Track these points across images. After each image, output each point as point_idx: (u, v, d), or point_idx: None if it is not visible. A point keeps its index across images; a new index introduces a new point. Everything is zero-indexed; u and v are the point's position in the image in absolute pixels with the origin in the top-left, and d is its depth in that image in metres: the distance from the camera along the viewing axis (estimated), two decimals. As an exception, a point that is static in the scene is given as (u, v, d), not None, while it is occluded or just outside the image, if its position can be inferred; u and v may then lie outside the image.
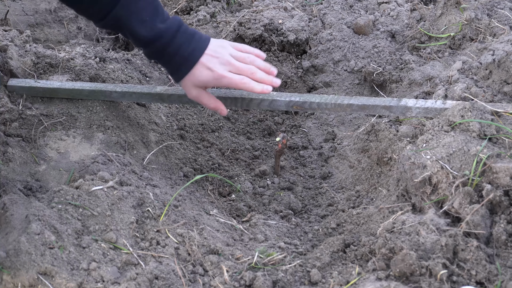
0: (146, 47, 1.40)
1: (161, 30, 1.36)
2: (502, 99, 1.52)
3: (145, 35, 1.36)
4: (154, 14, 1.37)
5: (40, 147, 1.48)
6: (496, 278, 1.06)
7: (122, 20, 1.35)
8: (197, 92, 1.44)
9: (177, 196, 1.39)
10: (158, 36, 1.36)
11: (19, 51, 1.79)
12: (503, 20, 1.81)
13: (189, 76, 1.41)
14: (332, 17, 2.13)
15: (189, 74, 1.41)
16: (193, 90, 1.44)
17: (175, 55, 1.39)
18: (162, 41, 1.37)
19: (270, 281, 1.12)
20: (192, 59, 1.40)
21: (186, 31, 1.41)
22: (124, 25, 1.36)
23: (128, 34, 1.38)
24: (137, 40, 1.38)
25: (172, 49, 1.38)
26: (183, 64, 1.40)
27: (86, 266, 1.10)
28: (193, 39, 1.41)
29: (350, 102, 1.56)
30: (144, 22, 1.35)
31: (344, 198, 1.61)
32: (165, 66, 1.46)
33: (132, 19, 1.34)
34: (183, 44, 1.39)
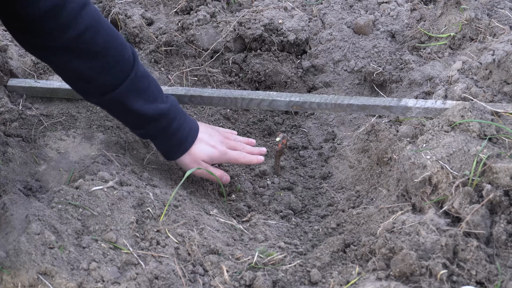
0: (147, 126, 1.40)
1: (165, 109, 1.40)
2: (502, 99, 1.52)
3: (151, 113, 1.37)
4: (157, 93, 1.40)
5: (40, 147, 1.48)
6: (496, 278, 1.06)
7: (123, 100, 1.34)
8: (205, 166, 1.50)
9: (177, 196, 1.39)
10: (163, 115, 1.39)
11: (19, 51, 1.79)
12: (503, 20, 1.81)
13: (194, 151, 1.47)
14: (332, 17, 2.13)
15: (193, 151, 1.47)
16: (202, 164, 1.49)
17: (177, 133, 1.44)
18: (167, 119, 1.40)
19: (270, 281, 1.12)
20: (192, 136, 1.47)
21: (181, 110, 1.47)
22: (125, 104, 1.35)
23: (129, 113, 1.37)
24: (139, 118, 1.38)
25: (175, 127, 1.42)
26: (184, 142, 1.46)
27: (86, 266, 1.10)
28: (187, 117, 1.47)
29: (350, 102, 1.56)
30: (150, 101, 1.37)
31: (344, 198, 1.61)
32: (163, 144, 1.47)
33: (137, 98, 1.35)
34: (183, 123, 1.44)
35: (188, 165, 1.49)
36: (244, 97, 1.60)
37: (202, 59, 2.02)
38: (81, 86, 1.36)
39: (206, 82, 2.01)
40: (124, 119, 1.44)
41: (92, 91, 1.35)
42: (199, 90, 1.65)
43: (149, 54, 2.00)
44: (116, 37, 1.32)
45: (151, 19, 2.17)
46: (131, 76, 1.33)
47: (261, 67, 1.99)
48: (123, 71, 1.32)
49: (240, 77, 2.04)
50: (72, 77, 1.34)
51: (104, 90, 1.33)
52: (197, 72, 2.01)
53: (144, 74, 1.37)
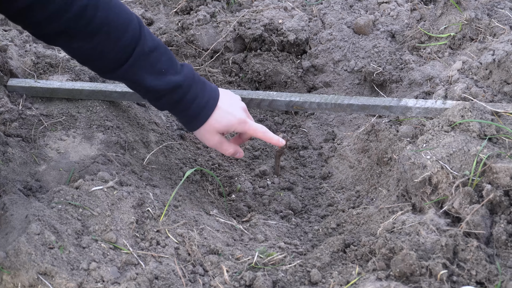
0: (160, 99, 1.36)
1: (178, 81, 1.34)
2: (502, 99, 1.52)
3: (163, 87, 1.32)
4: (169, 65, 1.34)
5: (40, 147, 1.48)
6: (496, 278, 1.06)
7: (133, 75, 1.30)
8: (219, 138, 1.42)
9: (177, 196, 1.39)
10: (176, 87, 1.34)
11: (19, 51, 1.79)
12: (503, 20, 1.81)
13: (210, 122, 1.39)
14: (332, 17, 2.13)
15: (209, 121, 1.39)
16: (215, 136, 1.41)
17: (193, 103, 1.37)
18: (180, 91, 1.34)
19: (270, 281, 1.12)
20: (210, 106, 1.38)
21: (200, 80, 1.39)
22: (137, 79, 1.31)
23: (140, 87, 1.34)
24: (151, 92, 1.34)
25: (190, 98, 1.36)
26: (201, 112, 1.38)
27: (86, 266, 1.10)
28: (206, 86, 1.40)
29: (350, 102, 1.56)
30: (161, 74, 1.32)
31: (344, 198, 1.61)
32: (181, 115, 1.41)
33: (146, 72, 1.30)
34: (200, 92, 1.37)
35: (203, 136, 1.43)
36: (244, 97, 1.60)
37: (202, 59, 2.02)
38: (91, 65, 1.33)
39: (206, 82, 2.00)
40: (140, 92, 1.39)
41: (102, 69, 1.32)
42: (199, 90, 1.65)
43: (149, 54, 1.99)
44: (118, 13, 1.27)
45: (151, 19, 2.17)
46: (137, 50, 1.28)
47: (261, 67, 1.99)
48: (128, 46, 1.27)
49: (240, 77, 2.04)
50: (80, 57, 1.31)
51: (112, 67, 1.29)
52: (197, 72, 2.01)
53: (153, 47, 1.31)
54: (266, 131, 1.44)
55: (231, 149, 1.46)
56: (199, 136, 1.44)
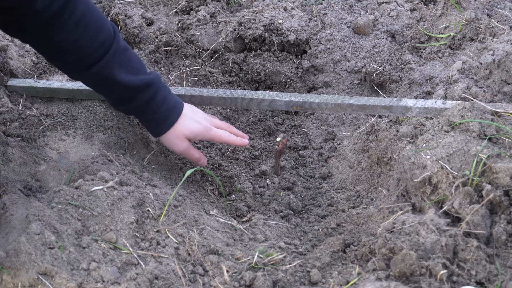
0: (133, 98, 1.39)
1: (150, 79, 1.39)
2: (502, 99, 1.52)
3: (137, 83, 1.37)
4: (140, 66, 1.40)
5: (40, 147, 1.48)
6: (496, 278, 1.06)
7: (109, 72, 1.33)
8: (187, 144, 1.49)
9: (177, 196, 1.39)
10: (148, 84, 1.39)
11: (19, 51, 1.79)
12: (503, 20, 1.81)
13: (178, 127, 1.45)
14: (332, 17, 2.13)
15: (177, 126, 1.45)
16: (184, 142, 1.48)
17: (161, 106, 1.42)
18: (151, 91, 1.40)
19: (270, 281, 1.12)
20: (177, 111, 1.45)
21: (165, 84, 1.46)
22: (111, 76, 1.34)
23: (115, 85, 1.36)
24: (125, 90, 1.37)
25: (159, 99, 1.42)
26: (169, 116, 1.44)
27: (86, 266, 1.10)
28: (171, 92, 1.47)
29: (350, 102, 1.56)
30: (134, 72, 1.37)
31: (344, 198, 1.61)
32: (149, 118, 1.46)
33: (122, 70, 1.34)
34: (168, 96, 1.44)
35: (172, 141, 1.48)
36: (244, 97, 1.60)
37: (202, 59, 2.02)
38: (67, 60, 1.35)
39: (206, 82, 2.01)
40: (110, 93, 1.42)
41: (77, 66, 1.34)
42: (199, 90, 1.65)
43: (149, 54, 2.00)
44: (95, 9, 1.32)
45: (151, 19, 2.17)
46: (114, 46, 1.33)
47: (261, 67, 1.99)
48: (105, 42, 1.32)
49: (240, 77, 2.04)
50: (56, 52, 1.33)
51: (88, 63, 1.32)
52: (197, 72, 2.01)
53: (126, 47, 1.37)
54: (229, 135, 1.52)
55: (197, 154, 1.53)
56: (167, 142, 1.49)
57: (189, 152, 1.51)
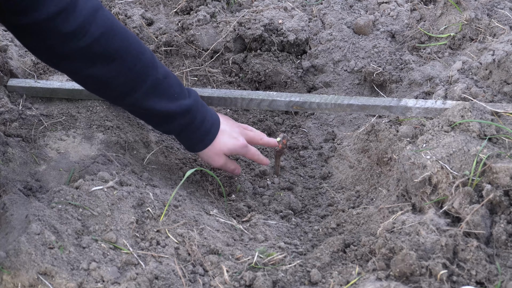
0: (173, 122, 1.41)
1: (189, 105, 1.41)
2: (502, 99, 1.52)
3: (176, 111, 1.39)
4: (180, 90, 1.40)
5: (40, 147, 1.48)
6: (496, 278, 1.06)
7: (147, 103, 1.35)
8: (225, 159, 1.52)
9: (177, 196, 1.39)
10: (188, 111, 1.40)
11: (19, 51, 1.79)
12: (503, 20, 1.81)
13: (216, 145, 1.49)
14: (332, 17, 2.13)
15: (215, 144, 1.48)
16: (222, 157, 1.52)
17: (201, 127, 1.45)
18: (191, 115, 1.41)
19: (270, 281, 1.12)
20: (215, 130, 1.48)
21: (203, 103, 1.48)
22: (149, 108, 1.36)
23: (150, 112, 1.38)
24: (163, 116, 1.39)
25: (198, 121, 1.44)
26: (207, 135, 1.47)
27: (86, 266, 1.10)
28: (208, 110, 1.48)
29: (350, 102, 1.56)
30: (174, 99, 1.38)
31: (344, 198, 1.61)
32: (187, 137, 1.48)
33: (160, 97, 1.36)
34: (206, 116, 1.46)
35: (210, 157, 1.52)
36: (244, 97, 1.60)
37: (202, 59, 2.02)
38: (102, 92, 1.37)
39: (206, 82, 2.00)
40: (149, 119, 1.46)
41: (114, 95, 1.36)
42: (199, 90, 1.65)
43: (149, 54, 2.00)
44: (133, 41, 1.31)
45: (151, 19, 2.17)
46: (151, 77, 1.33)
47: (261, 67, 1.99)
48: (142, 74, 1.32)
49: (240, 77, 2.04)
50: (91, 84, 1.34)
51: (123, 94, 1.34)
52: (197, 72, 2.01)
53: (166, 74, 1.37)
54: (259, 155, 1.57)
55: (233, 166, 1.57)
56: (205, 158, 1.53)
57: (228, 167, 1.56)
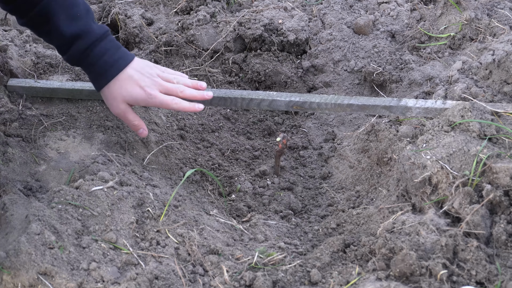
0: (70, 46, 1.35)
1: (91, 27, 1.34)
2: (502, 99, 1.52)
3: (74, 30, 1.32)
4: (85, 12, 1.35)
5: (40, 147, 1.48)
6: (496, 278, 1.06)
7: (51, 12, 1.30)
8: (125, 107, 1.41)
9: (177, 196, 1.39)
10: (86, 32, 1.34)
11: (19, 51, 1.79)
12: (503, 20, 1.81)
13: (117, 87, 1.38)
14: (332, 17, 2.13)
15: (116, 85, 1.38)
16: (122, 104, 1.40)
17: (100, 59, 1.36)
18: (90, 38, 1.34)
19: (270, 281, 1.12)
20: (118, 66, 1.38)
21: (113, 40, 1.40)
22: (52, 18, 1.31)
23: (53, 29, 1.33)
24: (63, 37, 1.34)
25: (98, 51, 1.36)
26: (108, 70, 1.38)
27: (86, 266, 1.10)
28: (119, 49, 1.40)
29: (350, 102, 1.56)
30: (75, 18, 1.33)
31: (344, 198, 1.61)
32: (88, 69, 1.41)
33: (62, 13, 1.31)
34: (110, 50, 1.37)
35: (108, 100, 1.42)
36: (244, 97, 1.60)
37: (202, 59, 2.02)
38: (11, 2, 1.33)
39: (206, 82, 2.00)
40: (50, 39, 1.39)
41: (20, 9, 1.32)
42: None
43: (149, 54, 2.00)
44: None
45: (151, 19, 2.17)
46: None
47: (261, 67, 1.99)
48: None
49: (240, 77, 2.04)
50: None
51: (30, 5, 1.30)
52: (197, 72, 2.01)
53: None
54: (177, 102, 1.40)
55: (136, 121, 1.44)
56: (106, 101, 1.43)
57: (126, 117, 1.43)
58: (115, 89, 1.38)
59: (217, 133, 1.86)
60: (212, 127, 1.87)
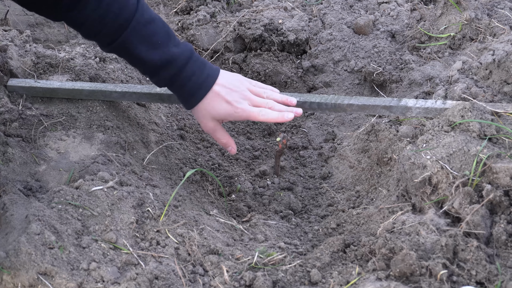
0: (157, 73, 1.35)
1: (174, 54, 1.33)
2: (502, 99, 1.52)
3: (158, 59, 1.32)
4: (166, 38, 1.33)
5: (40, 147, 1.48)
6: (496, 278, 1.06)
7: (131, 45, 1.30)
8: (214, 125, 1.42)
9: (177, 196, 1.39)
10: (171, 60, 1.33)
11: (19, 51, 1.79)
12: (503, 20, 1.81)
13: (206, 106, 1.38)
14: (332, 17, 2.13)
15: (204, 104, 1.38)
16: (210, 122, 1.41)
17: (189, 81, 1.36)
18: (175, 66, 1.34)
19: (270, 281, 1.12)
20: (206, 86, 1.37)
21: (198, 58, 1.38)
22: (133, 50, 1.31)
23: (136, 60, 1.34)
24: (148, 66, 1.34)
25: (186, 74, 1.35)
26: (196, 92, 1.37)
27: (86, 266, 1.10)
28: (206, 66, 1.39)
29: (350, 102, 1.56)
30: (156, 47, 1.32)
31: (344, 198, 1.61)
32: (178, 92, 1.41)
33: (143, 44, 1.31)
34: (196, 71, 1.36)
35: (199, 119, 1.43)
36: (244, 97, 1.59)
37: (202, 59, 2.02)
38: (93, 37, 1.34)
39: (206, 82, 2.00)
40: (139, 67, 1.39)
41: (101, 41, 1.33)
42: (199, 90, 1.65)
43: (149, 54, 1.99)
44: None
45: (151, 19, 2.16)
46: (133, 22, 1.28)
47: (261, 67, 1.99)
48: (123, 19, 1.28)
49: (240, 77, 2.03)
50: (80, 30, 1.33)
51: (110, 40, 1.30)
52: (197, 72, 2.00)
53: (150, 19, 1.32)
54: (263, 114, 1.39)
55: (224, 139, 1.45)
56: (197, 118, 1.43)
57: (214, 135, 1.44)
58: (203, 107, 1.39)
59: (217, 133, 1.86)
60: (212, 127, 1.87)
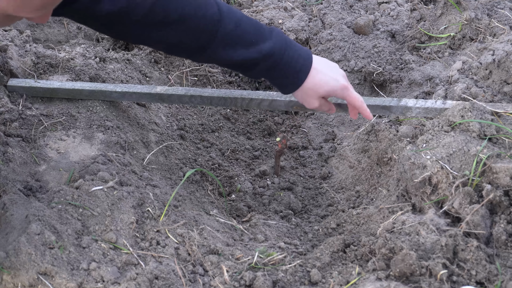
0: (255, 68, 1.34)
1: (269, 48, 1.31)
2: (502, 99, 1.52)
3: (254, 57, 1.31)
4: (258, 34, 1.32)
5: (40, 147, 1.48)
6: (496, 278, 1.06)
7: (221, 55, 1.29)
8: (320, 102, 1.40)
9: (177, 196, 1.39)
10: (269, 55, 1.32)
11: (19, 51, 1.79)
12: (503, 20, 1.81)
13: (311, 86, 1.37)
14: (332, 17, 2.13)
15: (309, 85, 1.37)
16: (316, 100, 1.40)
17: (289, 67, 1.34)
18: (273, 58, 1.32)
19: (270, 281, 1.12)
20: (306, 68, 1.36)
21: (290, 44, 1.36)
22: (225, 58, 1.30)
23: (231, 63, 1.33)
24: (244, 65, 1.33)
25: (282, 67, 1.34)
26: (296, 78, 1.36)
27: (86, 266, 1.10)
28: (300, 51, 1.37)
29: (350, 102, 1.56)
30: (251, 46, 1.30)
31: (344, 198, 1.61)
32: (277, 80, 1.39)
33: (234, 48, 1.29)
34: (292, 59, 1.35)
35: (304, 99, 1.41)
36: (244, 97, 1.60)
37: (202, 59, 2.02)
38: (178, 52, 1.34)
39: (206, 82, 2.00)
40: (234, 68, 1.38)
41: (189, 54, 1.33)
42: (199, 90, 1.65)
43: (149, 54, 2.00)
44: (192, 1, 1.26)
45: (151, 19, 2.16)
46: (221, 31, 1.27)
47: (261, 67, 1.99)
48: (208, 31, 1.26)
49: (240, 77, 2.03)
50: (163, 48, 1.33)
51: (198, 52, 1.30)
52: (197, 72, 2.01)
53: (237, 22, 1.29)
54: (363, 101, 1.40)
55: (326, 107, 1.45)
56: (299, 98, 1.42)
57: (322, 109, 1.44)
58: (307, 89, 1.37)
59: (217, 133, 1.86)
60: (212, 127, 1.87)
